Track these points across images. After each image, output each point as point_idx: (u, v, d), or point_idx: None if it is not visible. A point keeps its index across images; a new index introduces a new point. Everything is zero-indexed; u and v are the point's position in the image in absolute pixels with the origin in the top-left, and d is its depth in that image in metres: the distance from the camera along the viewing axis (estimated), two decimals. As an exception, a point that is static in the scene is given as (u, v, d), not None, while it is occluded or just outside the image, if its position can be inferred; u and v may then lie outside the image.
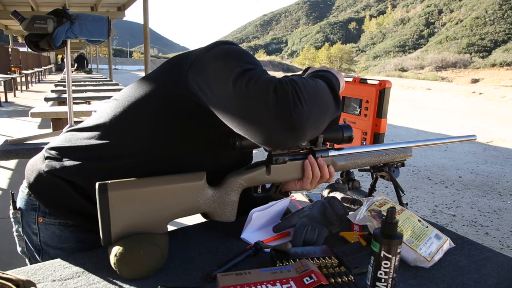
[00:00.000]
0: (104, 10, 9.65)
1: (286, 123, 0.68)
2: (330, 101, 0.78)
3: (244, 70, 0.73)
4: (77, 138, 0.91)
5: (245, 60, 0.79)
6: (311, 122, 0.71)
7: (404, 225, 0.91)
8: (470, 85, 30.55)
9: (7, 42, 18.32)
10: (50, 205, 0.92)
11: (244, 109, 0.71)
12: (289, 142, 0.72)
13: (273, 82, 0.69)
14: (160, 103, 0.86)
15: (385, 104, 1.22)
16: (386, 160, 1.10)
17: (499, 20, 65.69)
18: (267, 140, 0.71)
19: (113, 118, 0.89)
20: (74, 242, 0.94)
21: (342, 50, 75.42)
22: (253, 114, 0.70)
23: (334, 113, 0.81)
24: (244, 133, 0.73)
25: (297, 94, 0.68)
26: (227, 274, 0.73)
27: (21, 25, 2.06)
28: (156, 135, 0.87)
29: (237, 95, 0.71)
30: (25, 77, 12.33)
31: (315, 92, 0.73)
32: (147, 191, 0.80)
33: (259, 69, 0.76)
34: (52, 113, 3.35)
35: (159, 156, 0.88)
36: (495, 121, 9.09)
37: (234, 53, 0.81)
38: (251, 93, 0.70)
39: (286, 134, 0.69)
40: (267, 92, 0.68)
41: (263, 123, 0.69)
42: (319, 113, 0.74)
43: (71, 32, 2.17)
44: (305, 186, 1.00)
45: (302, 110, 0.68)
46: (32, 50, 2.25)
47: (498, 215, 3.32)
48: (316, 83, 0.76)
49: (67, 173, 0.89)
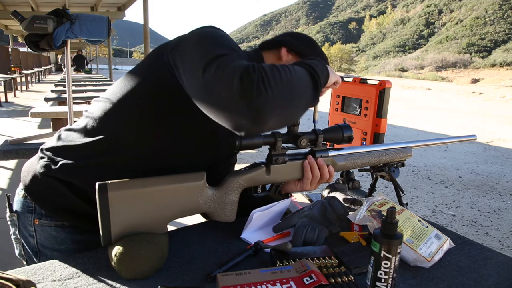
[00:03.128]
0: (104, 10, 9.66)
1: (248, 108, 0.66)
2: (305, 89, 0.76)
3: (216, 56, 0.72)
4: (71, 138, 0.92)
5: (223, 44, 0.78)
6: (276, 109, 0.68)
7: (404, 225, 0.91)
8: (470, 85, 30.54)
9: (7, 42, 18.32)
10: (46, 207, 0.92)
11: (212, 96, 0.71)
12: (253, 128, 0.69)
13: (240, 69, 0.68)
14: (147, 88, 0.86)
15: (385, 104, 1.22)
16: (386, 160, 1.10)
17: (499, 20, 65.68)
18: (234, 125, 0.69)
19: (104, 113, 0.89)
20: (70, 243, 0.94)
21: (342, 50, 75.45)
22: (219, 101, 0.69)
23: (309, 103, 0.78)
24: (215, 119, 0.73)
25: (263, 80, 0.67)
26: (227, 274, 0.73)
27: (21, 25, 2.06)
28: (146, 123, 0.87)
29: (205, 82, 0.71)
30: (25, 77, 12.33)
31: (286, 79, 0.70)
32: (147, 191, 0.80)
33: (233, 54, 0.74)
34: (52, 113, 3.35)
35: (153, 148, 0.89)
36: (495, 121, 9.09)
37: (212, 37, 0.80)
38: (217, 80, 0.69)
39: (249, 120, 0.67)
40: (233, 79, 0.67)
41: (229, 109, 0.68)
42: (288, 101, 0.71)
43: (71, 32, 2.17)
44: (305, 187, 1.00)
45: (266, 96, 0.66)
46: (32, 50, 2.25)
47: (498, 215, 3.32)
48: (291, 70, 0.73)
49: (62, 173, 0.89)
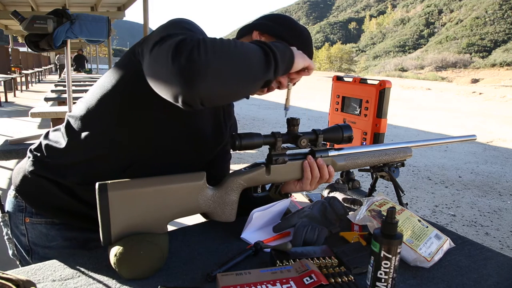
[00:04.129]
0: (104, 10, 9.66)
1: (179, 72, 0.65)
2: (252, 62, 0.72)
3: (166, 35, 0.72)
4: (57, 138, 0.93)
5: (181, 27, 0.78)
6: (209, 74, 0.65)
7: (404, 225, 0.91)
8: (470, 85, 30.54)
9: (7, 42, 18.32)
10: (36, 205, 0.94)
11: (153, 69, 0.71)
12: (186, 93, 0.66)
13: (178, 40, 0.67)
14: (124, 85, 0.87)
15: (385, 104, 1.22)
16: (386, 160, 1.10)
17: (499, 20, 65.66)
18: (170, 93, 0.68)
19: (85, 113, 0.90)
20: (61, 240, 0.95)
21: (342, 50, 75.37)
22: (158, 72, 0.69)
23: (258, 76, 0.73)
24: (159, 92, 0.72)
25: (198, 47, 0.65)
26: (227, 274, 0.73)
27: (21, 25, 2.06)
28: (126, 121, 0.88)
29: (150, 57, 0.71)
30: (25, 77, 12.32)
31: (226, 49, 0.68)
32: (147, 191, 0.80)
33: (183, 32, 0.73)
34: (52, 113, 3.35)
35: (135, 145, 0.89)
36: (495, 121, 9.09)
37: (171, 24, 0.80)
38: (158, 53, 0.69)
39: (180, 84, 0.65)
40: (169, 49, 0.66)
41: (164, 78, 0.68)
42: (225, 68, 0.67)
43: (71, 32, 2.17)
44: (304, 187, 1.00)
45: (198, 60, 0.64)
46: (32, 50, 2.25)
47: (498, 215, 3.32)
48: (237, 43, 0.71)
49: (49, 172, 0.91)
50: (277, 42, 0.81)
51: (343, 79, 1.39)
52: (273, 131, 0.92)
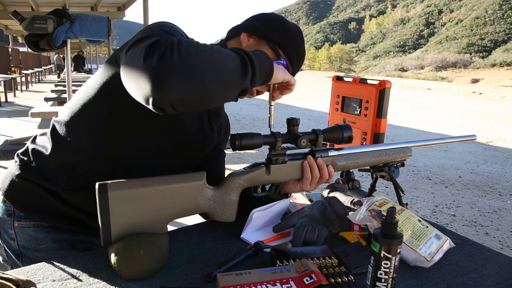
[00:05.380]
0: (104, 10, 9.67)
1: (149, 73, 0.63)
2: (228, 68, 0.69)
3: (142, 37, 0.71)
4: (43, 143, 0.93)
5: (159, 30, 0.77)
6: (179, 75, 0.63)
7: (404, 225, 0.91)
8: (470, 85, 30.54)
9: (7, 42, 18.34)
10: (24, 209, 0.93)
11: (125, 70, 0.70)
12: (156, 94, 0.64)
13: (152, 40, 0.66)
14: (107, 89, 0.86)
15: (385, 104, 1.22)
16: (386, 160, 1.10)
17: (499, 20, 65.67)
18: (140, 94, 0.66)
19: (70, 118, 0.89)
20: (50, 242, 0.95)
21: (342, 50, 75.37)
22: (130, 72, 0.68)
23: (233, 84, 0.71)
24: (131, 94, 0.70)
25: (172, 48, 0.63)
26: (227, 274, 0.73)
27: (21, 25, 2.07)
28: (111, 125, 0.87)
29: (125, 59, 0.70)
30: (25, 77, 12.32)
31: (203, 54, 0.66)
32: (147, 191, 0.80)
33: (161, 35, 0.72)
34: (52, 113, 3.35)
35: (120, 149, 0.89)
36: (495, 121, 9.09)
37: (149, 27, 0.79)
38: (133, 53, 0.68)
39: (150, 85, 0.63)
40: (143, 49, 0.65)
41: (135, 78, 0.66)
42: (197, 71, 0.65)
43: (71, 32, 2.17)
44: (304, 187, 1.00)
45: (170, 61, 0.62)
46: (32, 50, 2.26)
47: (498, 215, 3.32)
48: (213, 48, 0.69)
49: (35, 177, 0.91)
50: (258, 51, 0.79)
51: (343, 79, 1.39)
52: (273, 131, 0.92)
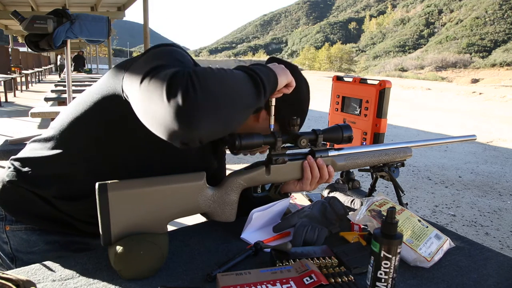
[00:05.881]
0: (104, 10, 9.67)
1: (177, 113, 0.63)
2: (244, 91, 0.72)
3: (156, 66, 0.70)
4: (36, 149, 0.93)
5: (170, 57, 0.77)
6: (209, 111, 0.65)
7: (404, 225, 0.91)
8: (470, 85, 30.52)
9: (7, 42, 18.34)
10: (15, 213, 0.93)
11: (145, 106, 0.69)
12: (186, 134, 0.65)
13: (169, 74, 0.66)
14: (103, 110, 0.86)
15: (385, 104, 1.22)
16: (386, 160, 1.10)
17: (499, 20, 65.66)
18: (167, 133, 0.66)
19: (65, 127, 0.90)
20: (43, 244, 0.95)
21: (342, 50, 75.30)
22: (150, 107, 0.67)
23: (250, 105, 0.74)
24: (150, 128, 0.70)
25: (192, 83, 0.64)
26: (227, 274, 0.73)
27: (21, 25, 2.07)
28: (105, 139, 0.87)
29: (141, 91, 0.70)
30: (25, 77, 12.32)
31: (220, 81, 0.68)
32: (147, 191, 0.80)
33: (172, 64, 0.72)
34: (52, 113, 3.34)
35: (113, 162, 0.89)
36: (495, 121, 9.09)
37: (159, 53, 0.79)
38: (150, 86, 0.67)
39: (179, 125, 0.63)
40: (162, 84, 0.65)
41: (158, 116, 0.66)
42: (223, 103, 0.67)
43: (71, 32, 2.17)
44: (304, 187, 1.00)
45: (194, 98, 0.63)
46: (32, 50, 2.26)
47: (498, 215, 3.32)
48: (227, 72, 0.71)
49: (27, 183, 0.90)
50: (258, 65, 0.81)
51: (343, 79, 1.39)
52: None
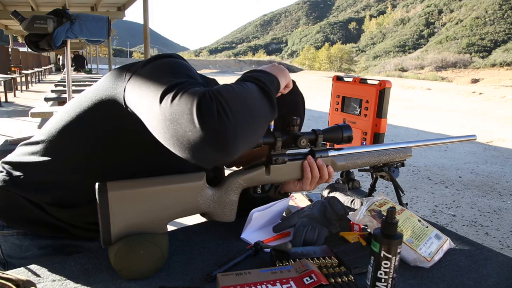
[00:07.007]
0: (104, 10, 9.66)
1: (213, 140, 0.63)
2: (262, 105, 0.73)
3: (172, 85, 0.69)
4: (25, 153, 0.92)
5: (180, 72, 0.76)
6: (242, 134, 0.66)
7: (404, 225, 0.91)
8: (470, 85, 30.51)
9: (7, 42, 18.33)
10: (6, 218, 0.92)
11: (166, 124, 0.67)
12: (222, 158, 0.66)
13: (196, 97, 0.65)
14: (98, 119, 0.85)
15: (385, 104, 1.22)
16: (386, 160, 1.10)
17: (499, 20, 65.69)
18: (195, 158, 0.66)
19: (56, 133, 0.89)
20: (35, 249, 0.94)
21: (342, 50, 75.25)
22: (176, 130, 0.66)
23: (269, 117, 0.75)
24: (174, 150, 0.69)
25: (222, 107, 0.64)
26: (227, 274, 0.73)
27: (21, 25, 2.07)
28: (97, 145, 0.86)
29: (162, 112, 0.68)
30: (25, 77, 12.32)
31: (244, 100, 0.68)
32: (147, 191, 0.80)
33: (189, 81, 0.71)
34: (52, 113, 3.35)
35: (105, 168, 0.88)
36: (495, 121, 9.08)
37: (168, 66, 0.79)
38: (175, 109, 0.66)
39: (215, 151, 0.64)
40: (191, 107, 0.64)
41: (187, 139, 0.64)
42: (251, 123, 0.69)
43: (71, 32, 2.17)
44: (304, 187, 1.00)
45: (229, 123, 0.63)
46: (32, 50, 2.26)
47: (498, 215, 3.32)
48: (244, 88, 0.71)
49: (17, 188, 0.90)
50: (259, 72, 0.82)
51: (343, 79, 1.39)
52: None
